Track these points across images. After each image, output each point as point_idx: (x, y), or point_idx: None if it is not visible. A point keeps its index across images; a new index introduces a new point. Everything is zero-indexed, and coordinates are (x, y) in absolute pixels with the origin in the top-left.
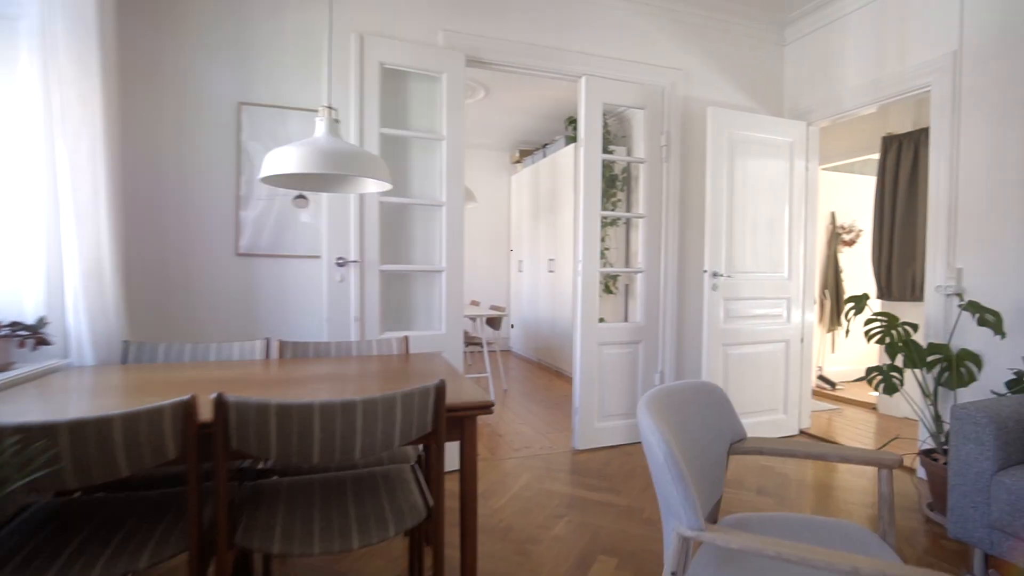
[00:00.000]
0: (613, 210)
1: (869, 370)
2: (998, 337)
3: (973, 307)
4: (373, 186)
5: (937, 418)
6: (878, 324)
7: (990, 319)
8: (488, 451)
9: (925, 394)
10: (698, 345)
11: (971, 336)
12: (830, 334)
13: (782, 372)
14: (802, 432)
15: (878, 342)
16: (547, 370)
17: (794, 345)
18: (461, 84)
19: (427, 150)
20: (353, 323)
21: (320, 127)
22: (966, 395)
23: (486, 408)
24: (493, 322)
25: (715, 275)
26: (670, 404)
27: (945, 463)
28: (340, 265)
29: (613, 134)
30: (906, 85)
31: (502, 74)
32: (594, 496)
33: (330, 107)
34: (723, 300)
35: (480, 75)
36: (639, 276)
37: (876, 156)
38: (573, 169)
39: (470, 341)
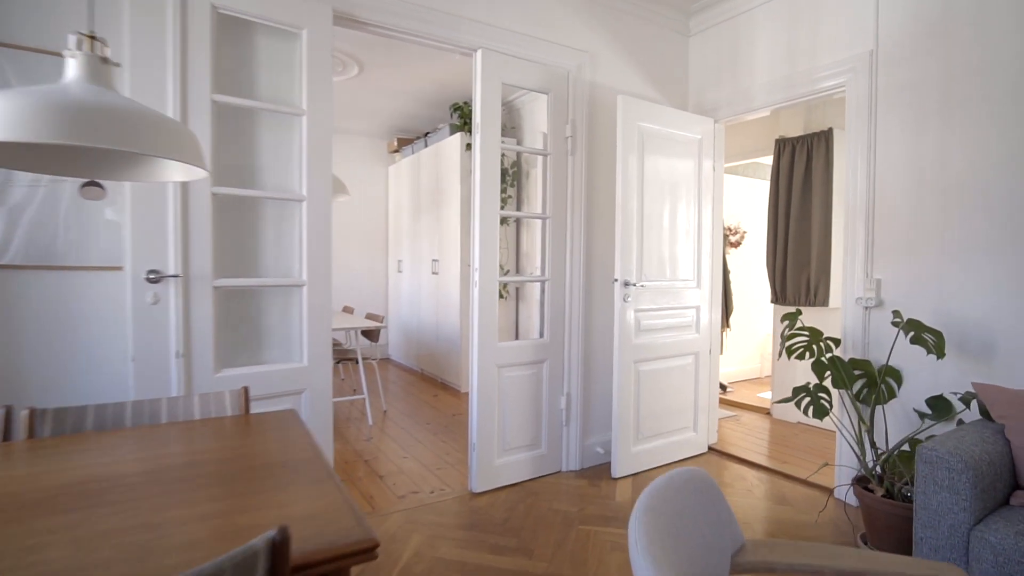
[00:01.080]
0: (503, 208)
1: (796, 391)
2: (919, 351)
3: (913, 326)
4: (179, 172)
5: (872, 445)
6: (801, 340)
7: (930, 340)
8: (366, 501)
9: (861, 419)
10: (606, 363)
11: (888, 349)
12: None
13: (692, 386)
14: (711, 449)
15: (798, 357)
16: (431, 381)
17: (703, 357)
18: (328, 45)
19: (282, 128)
20: (174, 361)
21: (72, 69)
22: (881, 415)
23: (366, 553)
24: (370, 334)
25: (627, 284)
26: (667, 524)
27: (884, 495)
28: (153, 281)
29: (502, 125)
30: (819, 84)
31: (379, 48)
32: (503, 562)
33: (92, 36)
34: (634, 312)
35: (353, 47)
36: (543, 286)
37: (762, 159)
38: (459, 160)
39: (342, 356)
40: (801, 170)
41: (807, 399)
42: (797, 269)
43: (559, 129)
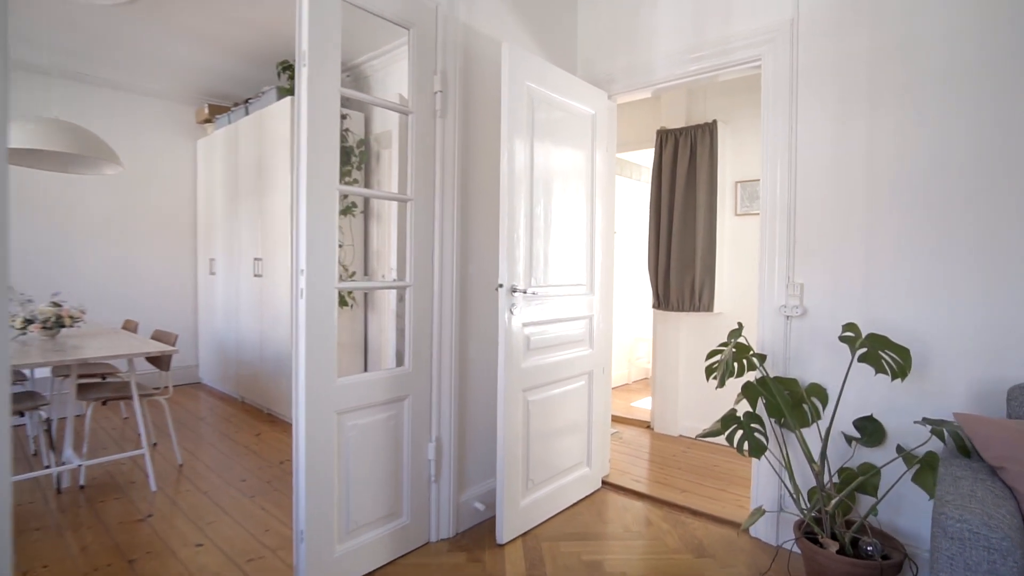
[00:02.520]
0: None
1: (727, 422)
2: (839, 365)
3: (876, 343)
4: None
5: (820, 488)
6: (723, 358)
7: (891, 361)
8: None
9: (809, 459)
10: (486, 394)
11: (810, 364)
12: None
13: (585, 413)
14: (604, 483)
15: (720, 384)
16: (254, 414)
17: (597, 377)
18: None
19: None
20: None
21: None
22: (797, 439)
23: None
24: (159, 361)
25: (514, 291)
26: None
27: (839, 551)
28: None
29: (344, 100)
30: (732, 56)
31: None
32: None
33: None
34: (523, 327)
35: None
36: (404, 294)
37: (637, 155)
38: (290, 133)
39: (113, 394)
40: (684, 164)
41: (739, 432)
42: (681, 271)
43: (425, 81)
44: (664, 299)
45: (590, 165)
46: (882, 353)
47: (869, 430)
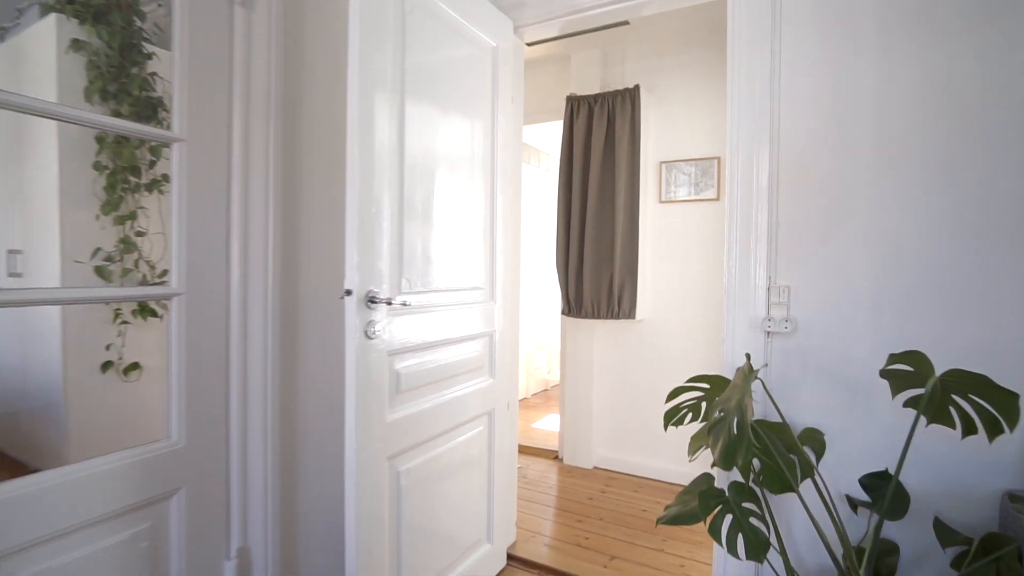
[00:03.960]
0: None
1: (707, 501)
2: (836, 401)
3: (956, 384)
4: None
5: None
6: (693, 399)
7: (985, 414)
8: None
9: (847, 550)
10: (331, 462)
11: (800, 399)
12: None
13: (485, 468)
14: (511, 559)
15: (676, 423)
16: (6, 460)
17: (501, 415)
18: None
19: None
20: None
21: None
22: (790, 503)
23: None
24: None
25: (372, 301)
26: None
27: None
28: None
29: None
30: None
31: None
32: None
33: None
34: (390, 357)
35: None
36: (174, 307)
37: (538, 133)
38: (57, 66)
39: None
40: (601, 139)
41: (727, 516)
42: (596, 270)
43: None
44: (576, 304)
45: (490, 123)
46: (959, 399)
47: (884, 493)
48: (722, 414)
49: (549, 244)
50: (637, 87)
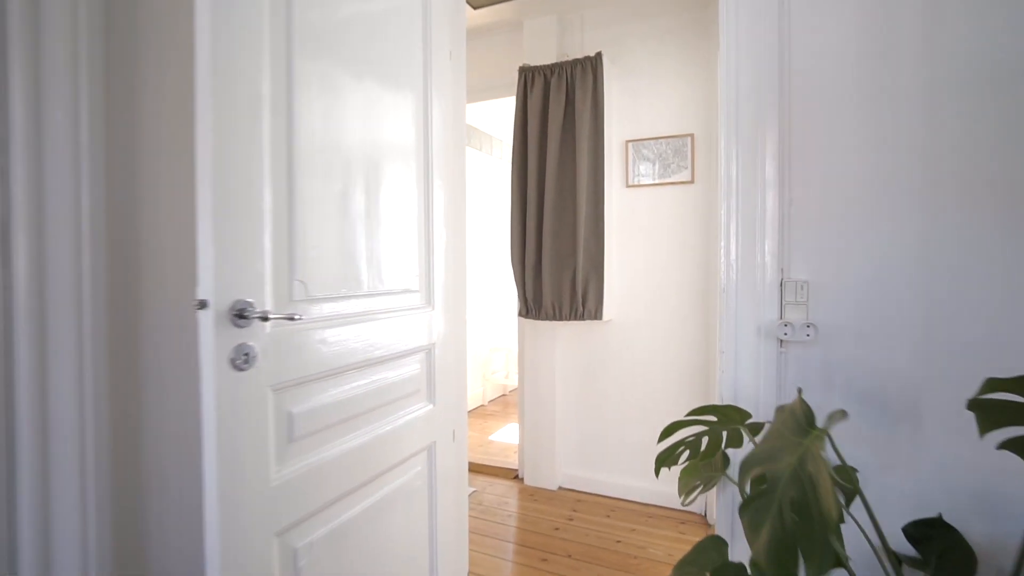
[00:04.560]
0: None
1: None
2: (861, 425)
3: None
4: None
5: None
6: (694, 435)
7: None
8: None
9: None
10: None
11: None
12: None
13: (426, 515)
14: None
15: (670, 464)
16: None
17: (444, 447)
18: None
19: None
20: None
21: None
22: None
23: None
24: None
25: (242, 317)
26: None
27: None
28: None
29: None
30: None
31: None
32: None
33: None
34: (275, 393)
35: None
36: None
37: (485, 117)
38: None
39: None
40: (559, 116)
41: None
42: (557, 266)
43: None
44: (534, 305)
45: (421, 91)
46: None
47: (939, 545)
48: (766, 486)
49: (504, 238)
50: (599, 55)
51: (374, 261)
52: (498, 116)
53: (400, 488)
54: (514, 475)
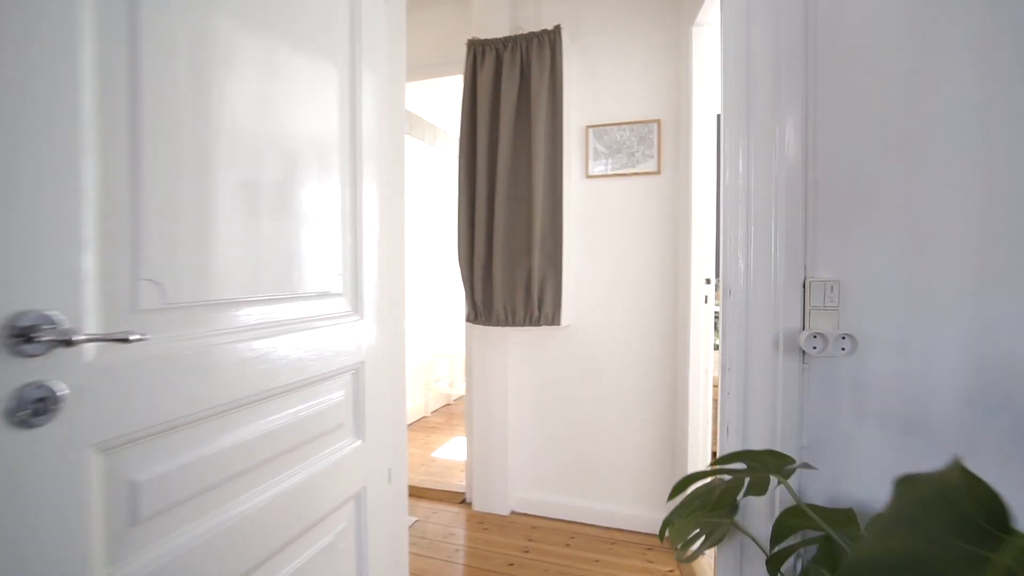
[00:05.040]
0: None
1: None
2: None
3: None
4: None
5: None
6: (706, 486)
7: None
8: None
9: None
10: None
11: (860, 464)
12: None
13: None
14: None
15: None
16: None
17: (377, 493)
18: None
19: None
20: None
21: None
22: None
23: None
24: None
25: (28, 340)
26: None
27: None
28: None
29: None
30: None
31: None
32: None
33: None
34: (103, 455)
35: None
36: None
37: (427, 98)
38: None
39: None
40: (512, 97)
41: None
42: (510, 265)
43: None
44: (484, 308)
45: (347, 48)
46: None
47: None
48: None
49: (451, 235)
50: (558, 28)
51: (281, 257)
52: (443, 104)
53: (316, 557)
54: (461, 499)
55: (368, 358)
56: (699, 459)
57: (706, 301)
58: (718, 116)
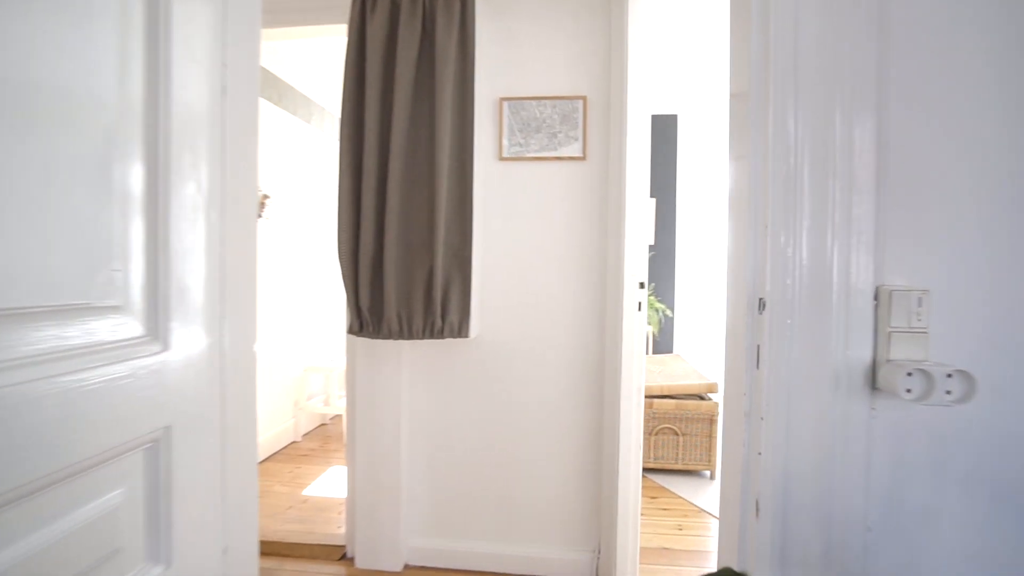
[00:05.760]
0: None
1: None
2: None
3: None
4: None
5: None
6: None
7: None
8: None
9: None
10: None
11: (934, 547)
12: None
13: None
14: None
15: None
16: None
17: None
18: None
19: None
20: None
21: None
22: None
23: None
24: None
25: None
26: None
27: None
28: None
29: None
30: None
31: None
32: None
33: None
34: None
35: None
36: None
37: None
38: None
39: None
40: (412, 58)
41: None
42: (406, 262)
43: None
44: (372, 317)
45: None
46: None
47: None
48: None
49: (330, 225)
50: None
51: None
52: (325, 76)
53: None
54: (341, 555)
55: (179, 419)
56: (630, 489)
57: (640, 308)
58: (731, 96)
